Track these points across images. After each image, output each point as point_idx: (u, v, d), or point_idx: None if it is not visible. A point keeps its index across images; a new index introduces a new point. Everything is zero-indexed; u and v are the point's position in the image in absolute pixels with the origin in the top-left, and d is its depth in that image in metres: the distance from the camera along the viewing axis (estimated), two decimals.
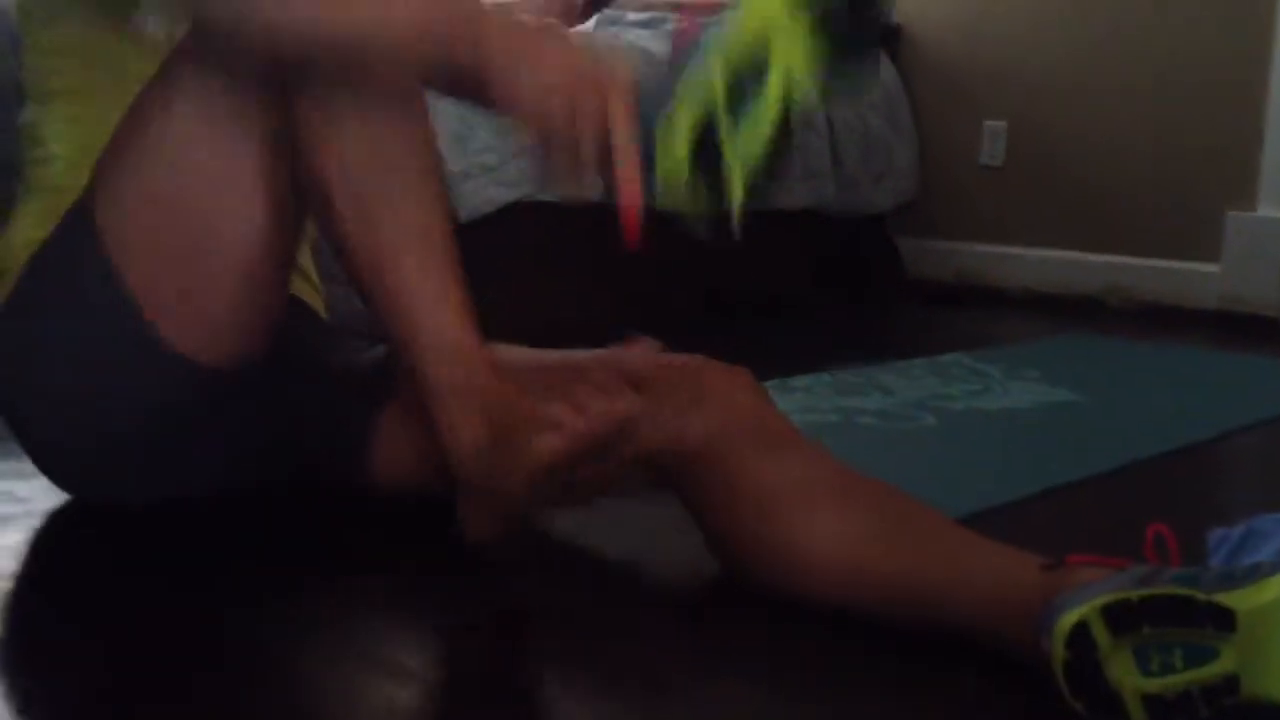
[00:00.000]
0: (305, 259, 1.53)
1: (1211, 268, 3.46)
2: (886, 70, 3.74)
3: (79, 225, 1.22)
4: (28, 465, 1.37)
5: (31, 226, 1.29)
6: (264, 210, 1.18)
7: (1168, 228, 3.53)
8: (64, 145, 1.30)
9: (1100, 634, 0.87)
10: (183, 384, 1.23)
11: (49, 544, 1.28)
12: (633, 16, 3.97)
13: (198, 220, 1.18)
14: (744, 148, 1.00)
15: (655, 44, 3.31)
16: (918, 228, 3.86)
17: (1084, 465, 1.73)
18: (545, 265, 2.83)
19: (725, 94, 1.00)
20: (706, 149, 1.00)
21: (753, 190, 1.01)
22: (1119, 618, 0.86)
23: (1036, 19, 3.69)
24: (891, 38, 3.85)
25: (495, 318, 1.15)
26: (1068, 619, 0.88)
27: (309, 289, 1.52)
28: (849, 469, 1.17)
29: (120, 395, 1.24)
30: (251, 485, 1.35)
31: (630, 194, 1.02)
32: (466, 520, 1.18)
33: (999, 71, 3.75)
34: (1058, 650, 0.89)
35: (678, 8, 4.17)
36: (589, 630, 1.10)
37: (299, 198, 1.17)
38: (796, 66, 1.00)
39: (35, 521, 1.32)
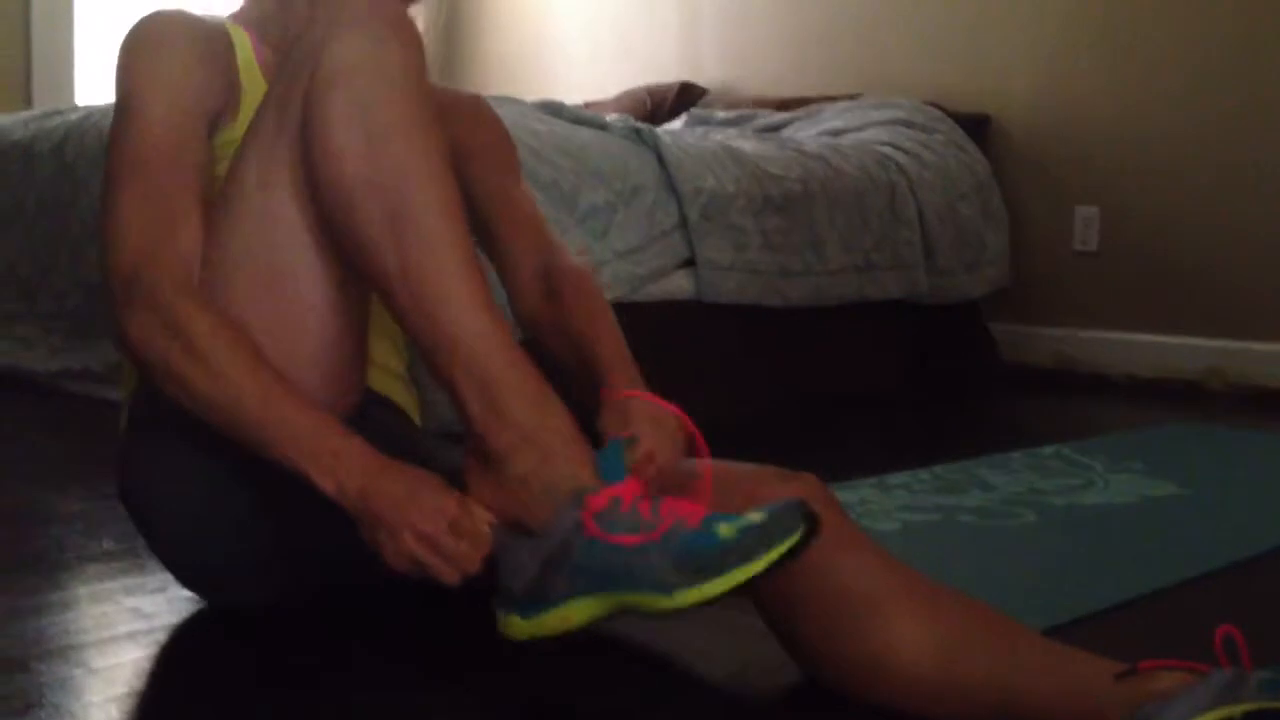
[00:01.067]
0: (400, 363, 1.59)
1: None
2: (977, 159, 3.76)
3: None
4: (152, 580, 1.42)
5: None
6: (333, 279, 1.25)
7: (1270, 309, 3.48)
8: None
9: None
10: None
11: (172, 659, 1.33)
12: (721, 116, 4.04)
13: (284, 291, 1.25)
14: None
15: (743, 142, 3.37)
16: (1013, 314, 3.85)
17: (1187, 565, 1.71)
18: None
19: None
20: None
21: None
22: None
23: (1124, 105, 3.69)
24: (981, 127, 3.87)
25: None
26: None
27: (401, 390, 1.57)
28: (920, 575, 1.18)
29: (231, 480, 1.29)
30: (370, 581, 1.39)
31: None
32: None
33: (1089, 158, 3.75)
34: None
35: (764, 104, 4.19)
36: None
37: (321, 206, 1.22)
38: None
39: (161, 637, 1.37)
